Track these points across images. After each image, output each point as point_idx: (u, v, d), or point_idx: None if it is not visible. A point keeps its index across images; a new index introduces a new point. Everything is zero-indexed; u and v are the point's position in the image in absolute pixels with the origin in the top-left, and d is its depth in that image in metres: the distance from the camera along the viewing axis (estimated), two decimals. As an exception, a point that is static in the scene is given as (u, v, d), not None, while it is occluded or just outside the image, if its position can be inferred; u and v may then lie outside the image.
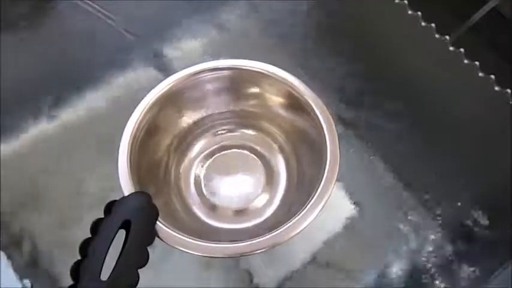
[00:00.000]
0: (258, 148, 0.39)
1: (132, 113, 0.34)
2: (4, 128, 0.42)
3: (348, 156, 0.40)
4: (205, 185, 0.37)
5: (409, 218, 0.38)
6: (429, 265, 0.36)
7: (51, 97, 0.44)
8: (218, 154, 0.39)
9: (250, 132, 0.39)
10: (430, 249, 0.37)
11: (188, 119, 0.38)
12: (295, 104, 0.36)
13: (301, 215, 0.30)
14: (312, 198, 0.31)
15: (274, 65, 0.36)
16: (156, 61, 0.46)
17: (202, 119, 0.39)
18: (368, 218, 0.38)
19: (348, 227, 0.38)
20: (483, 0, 0.46)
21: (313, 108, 0.34)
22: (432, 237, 0.37)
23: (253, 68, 0.36)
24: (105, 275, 0.27)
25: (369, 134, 0.42)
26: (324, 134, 0.33)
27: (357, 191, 0.39)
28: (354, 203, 0.39)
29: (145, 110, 0.34)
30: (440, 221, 0.38)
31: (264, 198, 0.37)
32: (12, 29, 0.49)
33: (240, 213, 0.36)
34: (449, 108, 0.43)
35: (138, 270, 0.28)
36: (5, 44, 0.47)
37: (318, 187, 0.31)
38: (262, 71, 0.36)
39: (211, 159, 0.38)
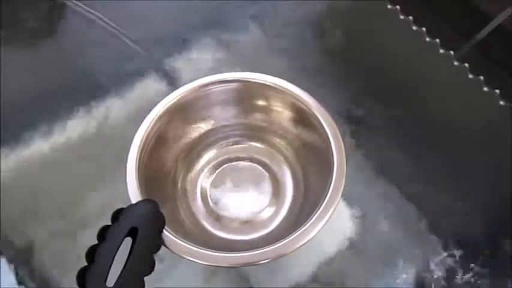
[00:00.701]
0: (265, 160, 0.39)
1: (140, 123, 0.35)
2: (13, 138, 0.43)
3: (353, 172, 0.40)
4: (211, 196, 0.38)
5: (414, 234, 0.38)
6: (434, 283, 0.36)
7: (56, 110, 0.44)
8: (225, 166, 0.39)
9: (257, 144, 0.40)
10: (435, 266, 0.36)
11: (196, 130, 0.39)
12: (302, 116, 0.36)
13: (306, 226, 0.30)
14: (317, 210, 0.31)
15: (281, 78, 0.37)
16: (164, 75, 0.46)
17: (210, 131, 0.39)
18: (372, 234, 0.38)
19: (352, 242, 0.37)
20: (489, 16, 0.47)
21: (320, 121, 0.35)
22: (437, 253, 0.37)
23: (261, 80, 0.37)
24: (111, 282, 0.27)
25: (373, 150, 0.42)
26: (331, 147, 0.33)
27: (361, 206, 0.39)
28: (359, 219, 0.38)
29: (154, 120, 0.35)
30: (445, 237, 0.37)
31: (270, 210, 0.37)
32: (17, 42, 0.50)
33: (246, 224, 0.37)
34: (453, 123, 0.43)
35: (144, 277, 0.28)
36: (11, 58, 0.48)
37: (324, 199, 0.31)
38: (270, 84, 0.37)
39: (218, 171, 0.39)
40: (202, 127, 0.39)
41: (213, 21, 0.50)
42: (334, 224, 0.38)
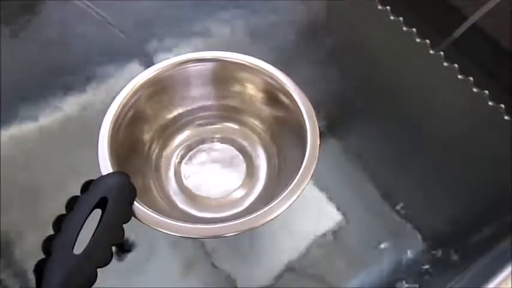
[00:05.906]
0: (240, 141, 0.39)
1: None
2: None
3: (334, 168, 0.41)
4: (185, 175, 0.37)
5: (393, 230, 0.38)
6: (410, 278, 0.36)
7: (37, 96, 0.44)
8: (199, 146, 0.39)
9: (232, 125, 0.40)
10: (412, 262, 0.37)
11: (173, 108, 0.39)
12: (277, 96, 0.37)
13: (279, 199, 0.30)
14: (291, 183, 0.31)
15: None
16: (145, 62, 0.46)
17: (186, 110, 0.39)
18: (352, 230, 0.38)
19: (331, 237, 0.38)
20: (464, 16, 0.48)
21: (295, 101, 0.35)
22: (414, 250, 0.37)
23: (237, 59, 0.37)
24: (79, 250, 0.27)
25: (354, 145, 0.42)
26: (305, 121, 0.33)
27: (342, 201, 0.39)
28: (339, 214, 0.39)
29: (130, 93, 0.34)
30: (423, 235, 0.38)
31: (243, 189, 0.37)
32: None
33: (219, 203, 0.36)
34: (429, 108, 0.44)
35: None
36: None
37: (298, 172, 0.31)
38: (246, 63, 0.37)
39: (192, 151, 0.39)
40: (179, 106, 0.39)
41: (196, 11, 0.50)
42: (311, 214, 0.39)
